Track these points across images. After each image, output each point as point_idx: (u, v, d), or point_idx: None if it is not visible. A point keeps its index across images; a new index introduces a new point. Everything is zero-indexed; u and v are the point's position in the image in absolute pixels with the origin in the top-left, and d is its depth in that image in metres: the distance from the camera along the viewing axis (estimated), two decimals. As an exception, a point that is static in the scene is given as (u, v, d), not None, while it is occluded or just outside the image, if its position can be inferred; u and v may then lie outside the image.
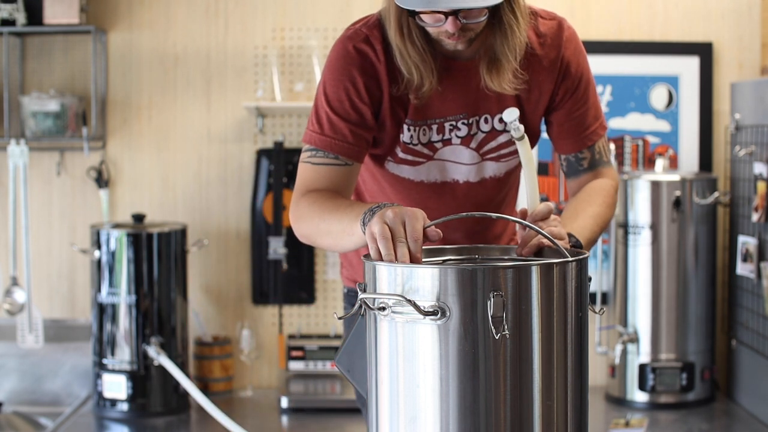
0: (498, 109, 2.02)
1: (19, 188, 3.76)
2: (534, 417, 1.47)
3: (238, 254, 3.97)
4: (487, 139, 2.04)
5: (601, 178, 2.11)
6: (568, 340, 1.50)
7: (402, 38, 1.92)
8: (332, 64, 1.99)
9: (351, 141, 1.96)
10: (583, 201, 2.03)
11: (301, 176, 2.00)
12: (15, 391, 3.90)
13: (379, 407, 1.53)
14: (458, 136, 2.03)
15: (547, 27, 2.03)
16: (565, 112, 2.06)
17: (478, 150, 2.04)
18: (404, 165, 2.05)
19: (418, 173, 2.06)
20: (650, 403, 3.65)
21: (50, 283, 3.97)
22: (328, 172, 1.96)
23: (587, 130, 2.08)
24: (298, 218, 1.94)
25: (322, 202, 1.90)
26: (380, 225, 1.59)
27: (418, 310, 1.44)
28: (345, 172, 1.97)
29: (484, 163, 2.06)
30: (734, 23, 3.91)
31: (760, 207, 3.44)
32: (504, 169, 2.09)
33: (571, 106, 2.06)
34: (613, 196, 2.08)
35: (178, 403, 3.63)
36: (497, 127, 2.03)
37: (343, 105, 1.96)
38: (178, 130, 3.94)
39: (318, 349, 3.83)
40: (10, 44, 3.80)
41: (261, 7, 3.91)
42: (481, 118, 2.02)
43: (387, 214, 1.61)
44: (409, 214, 1.60)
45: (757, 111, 3.55)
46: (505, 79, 1.94)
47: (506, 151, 2.06)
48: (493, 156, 2.06)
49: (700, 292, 3.67)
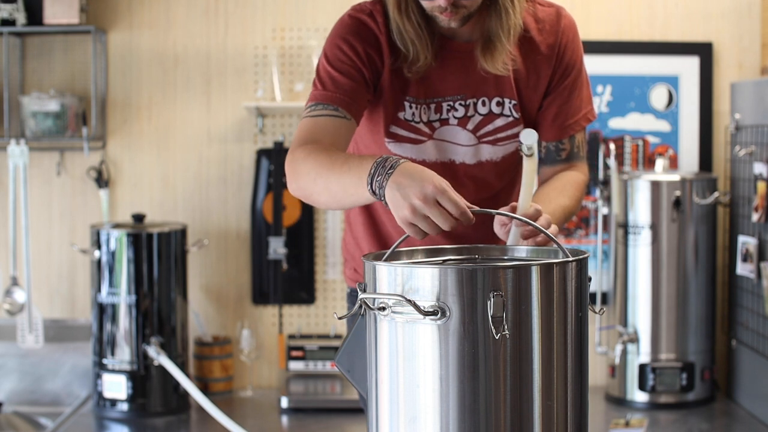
0: (495, 93, 2.03)
1: (19, 188, 3.76)
2: (534, 417, 1.47)
3: (238, 254, 3.97)
4: (484, 122, 2.05)
5: (574, 170, 2.12)
6: (568, 340, 1.50)
7: (399, 13, 1.95)
8: (335, 32, 2.03)
9: (350, 96, 1.97)
10: (555, 190, 2.04)
11: (299, 130, 1.98)
12: (15, 391, 3.90)
13: (379, 407, 1.54)
14: (455, 117, 2.03)
15: (545, 13, 2.05)
16: (553, 98, 2.07)
17: (474, 132, 2.05)
18: (406, 143, 2.05)
19: (420, 152, 2.06)
20: (650, 403, 3.65)
21: (50, 283, 3.97)
22: (327, 123, 1.95)
23: (571, 119, 2.09)
24: (293, 173, 1.89)
25: (317, 155, 1.86)
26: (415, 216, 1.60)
27: (418, 310, 1.43)
28: (344, 125, 1.96)
29: (481, 145, 2.07)
30: (734, 23, 3.91)
31: (760, 207, 3.44)
32: (501, 153, 2.09)
33: (560, 92, 2.07)
34: (583, 191, 2.11)
35: (178, 403, 3.63)
36: (495, 111, 2.04)
37: (344, 64, 1.98)
38: (178, 130, 3.94)
39: (318, 349, 3.83)
40: (10, 44, 3.80)
41: (261, 7, 3.91)
42: (478, 101, 2.03)
43: (415, 203, 1.60)
44: (437, 193, 1.59)
45: (757, 111, 3.55)
46: (499, 60, 1.97)
47: (503, 135, 2.07)
48: (490, 139, 2.07)
49: (700, 292, 3.67)
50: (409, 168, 1.65)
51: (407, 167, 1.65)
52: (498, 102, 2.04)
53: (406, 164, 1.66)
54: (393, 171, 1.66)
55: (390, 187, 1.64)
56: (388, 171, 1.67)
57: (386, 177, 1.66)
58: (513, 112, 2.05)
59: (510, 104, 2.05)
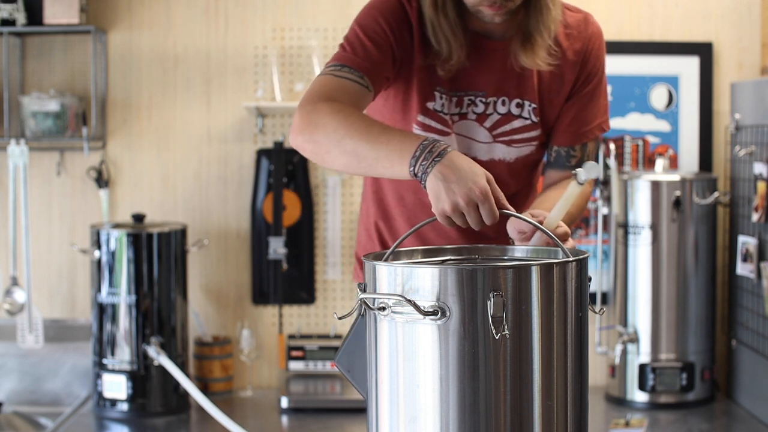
0: (516, 94, 2.02)
1: (19, 188, 3.76)
2: (534, 417, 1.47)
3: (238, 254, 3.97)
4: (501, 121, 2.04)
5: None
6: (568, 340, 1.50)
7: (435, 10, 1.93)
8: (373, 6, 1.99)
9: (377, 67, 1.93)
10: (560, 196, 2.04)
11: (318, 84, 1.92)
12: (15, 391, 3.90)
13: (379, 407, 1.54)
14: (474, 112, 2.02)
15: (574, 19, 2.05)
16: (572, 104, 2.07)
17: (490, 130, 2.04)
18: (432, 133, 2.03)
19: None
20: (650, 403, 3.65)
21: (50, 283, 3.97)
22: (350, 86, 1.90)
23: (585, 127, 2.09)
24: (309, 124, 1.80)
25: (350, 116, 1.79)
26: (454, 213, 1.62)
27: (418, 310, 1.43)
28: (364, 95, 1.91)
29: (495, 144, 2.06)
30: (734, 23, 3.91)
31: (760, 207, 3.44)
32: (515, 154, 2.08)
33: (579, 99, 2.06)
34: (588, 200, 2.11)
35: (178, 403, 3.63)
36: (513, 112, 2.03)
37: (377, 35, 1.94)
38: (178, 130, 3.94)
39: (318, 349, 3.83)
40: (10, 44, 3.80)
41: (261, 7, 3.91)
42: (498, 100, 2.02)
43: (458, 202, 1.61)
44: (480, 198, 1.61)
45: (757, 111, 3.55)
46: (539, 55, 1.96)
47: (518, 137, 2.06)
48: (505, 140, 2.06)
49: (700, 292, 3.67)
50: (457, 160, 1.64)
51: (455, 159, 1.64)
52: (518, 104, 2.03)
53: (454, 155, 1.65)
54: (440, 159, 1.64)
55: (435, 177, 1.63)
56: (435, 158, 1.65)
57: (432, 164, 1.64)
58: (532, 116, 2.05)
59: (530, 107, 2.04)
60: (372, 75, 1.92)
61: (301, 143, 1.83)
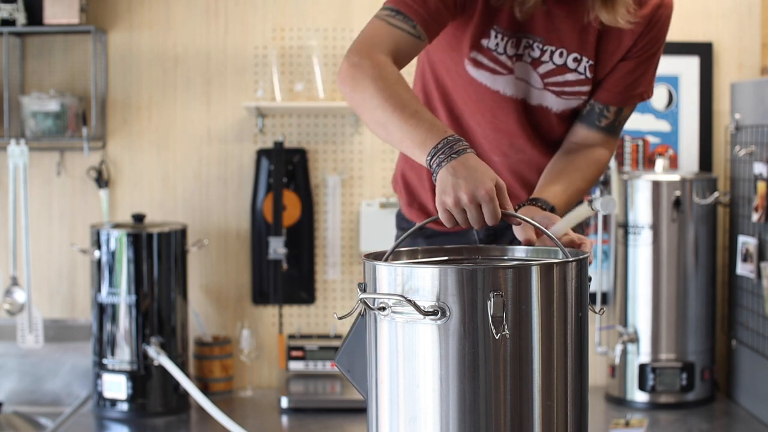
0: (575, 48, 2.01)
1: (19, 188, 3.76)
2: (534, 417, 1.47)
3: (238, 254, 3.97)
4: (555, 71, 2.03)
5: (604, 148, 2.10)
6: (568, 340, 1.50)
7: None
8: None
9: (433, 17, 1.91)
10: (579, 170, 2.03)
11: (370, 30, 1.91)
12: (15, 391, 3.90)
13: (379, 407, 1.53)
14: (530, 56, 2.01)
15: None
16: (625, 65, 2.05)
17: (542, 78, 2.03)
18: (485, 71, 2.02)
19: (495, 83, 2.03)
20: (650, 403, 3.65)
21: (50, 283, 3.97)
22: (400, 37, 1.89)
23: (631, 91, 2.08)
24: (353, 80, 1.82)
25: (389, 86, 1.80)
26: (455, 207, 1.62)
27: (418, 310, 1.43)
28: (414, 45, 1.91)
29: (545, 91, 2.04)
30: (734, 23, 3.91)
31: (760, 207, 3.44)
32: (562, 106, 2.06)
33: (634, 62, 2.05)
34: (602, 172, 2.10)
35: (178, 403, 3.63)
36: (570, 66, 2.02)
37: None
38: (178, 130, 3.94)
39: (318, 349, 3.83)
40: (10, 44, 3.80)
41: (261, 7, 3.91)
42: (556, 51, 2.01)
43: (461, 197, 1.61)
44: (484, 198, 1.61)
45: (757, 111, 3.55)
46: (620, 12, 1.95)
47: (569, 90, 2.04)
48: (556, 90, 2.04)
49: (700, 292, 3.67)
50: (472, 162, 1.65)
51: (471, 160, 1.65)
52: (575, 58, 2.02)
53: (472, 156, 1.66)
54: (457, 157, 1.66)
55: (446, 170, 1.65)
56: (452, 155, 1.67)
57: (448, 159, 1.66)
58: (587, 72, 2.03)
59: (587, 63, 2.03)
60: (427, 24, 1.91)
61: (343, 91, 1.87)
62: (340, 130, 3.95)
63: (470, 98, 2.06)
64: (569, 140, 2.11)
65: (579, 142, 2.10)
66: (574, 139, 2.11)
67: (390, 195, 3.95)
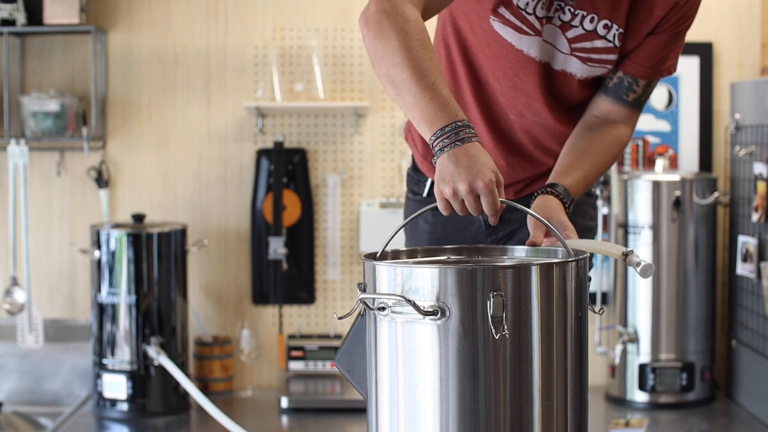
0: (607, 15, 1.98)
1: (19, 188, 3.76)
2: (534, 417, 1.47)
3: (238, 254, 3.97)
4: (584, 37, 2.00)
5: (626, 125, 2.08)
6: (568, 340, 1.50)
7: None
8: None
9: None
10: (602, 152, 2.01)
11: None
12: (15, 391, 3.90)
13: (379, 407, 1.53)
14: (560, 19, 1.98)
15: None
16: (657, 38, 2.03)
17: (570, 42, 2.00)
18: (510, 28, 1.99)
19: (521, 42, 2.00)
20: (650, 403, 3.65)
21: (50, 283, 3.97)
22: None
23: (661, 65, 2.06)
24: (379, 27, 1.75)
25: (414, 48, 1.74)
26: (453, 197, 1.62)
27: (418, 310, 1.43)
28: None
29: (571, 57, 2.02)
30: (734, 23, 3.91)
31: (760, 207, 3.44)
32: (586, 73, 2.04)
33: (661, 35, 2.04)
34: (622, 151, 2.07)
35: (178, 403, 3.63)
36: (599, 32, 1.99)
37: None
38: (178, 130, 3.94)
39: (318, 349, 3.83)
40: (10, 44, 3.80)
41: (261, 7, 3.91)
42: (587, 16, 1.98)
43: (459, 188, 1.61)
44: (483, 190, 1.60)
45: (757, 111, 3.55)
46: None
47: (596, 57, 2.02)
48: (582, 56, 2.01)
49: (700, 292, 3.67)
50: (475, 151, 1.64)
51: (473, 149, 1.64)
52: (606, 25, 1.99)
53: (476, 146, 1.65)
54: (461, 144, 1.65)
55: (447, 157, 1.64)
56: (457, 141, 1.65)
57: (452, 145, 1.65)
58: (616, 40, 2.01)
59: (617, 31, 2.00)
60: None
61: (364, 33, 1.81)
62: (340, 130, 3.95)
63: (492, 54, 2.02)
64: (591, 113, 2.08)
65: (602, 117, 2.06)
66: (596, 112, 2.07)
67: (390, 195, 3.95)
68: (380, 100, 3.94)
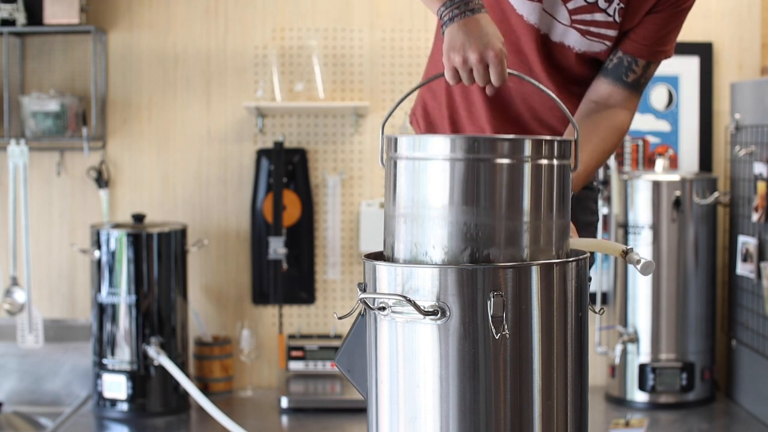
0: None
1: (19, 188, 3.76)
2: (534, 417, 1.47)
3: (238, 254, 3.97)
4: (584, 9, 1.99)
5: (626, 110, 2.06)
6: (568, 340, 1.50)
7: None
8: None
9: None
10: (602, 141, 2.00)
11: None
12: (15, 391, 3.90)
13: (379, 407, 1.53)
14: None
15: None
16: (658, 18, 2.03)
17: (571, 14, 2.00)
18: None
19: (522, 6, 2.01)
20: (650, 403, 3.65)
21: (50, 283, 3.97)
22: None
23: (661, 46, 2.06)
24: None
25: None
26: (463, 66, 1.63)
27: (418, 310, 1.43)
28: None
29: (570, 29, 2.01)
30: (734, 23, 3.91)
31: (760, 207, 3.44)
32: (585, 47, 2.03)
33: (666, 15, 2.03)
34: (624, 136, 2.07)
35: (178, 403, 3.63)
36: (600, 5, 1.98)
37: None
38: (178, 130, 3.94)
39: (318, 349, 3.83)
40: (10, 44, 3.80)
41: (261, 7, 3.91)
42: None
43: (470, 56, 1.62)
44: (493, 60, 1.63)
45: (757, 111, 3.55)
46: None
47: (595, 30, 2.01)
48: (582, 29, 2.01)
49: (700, 292, 3.67)
50: (484, 22, 1.66)
51: (483, 20, 1.66)
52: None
53: (485, 16, 1.67)
54: (471, 15, 1.67)
55: (457, 26, 1.66)
56: (467, 11, 1.68)
57: (462, 15, 1.67)
58: (616, 15, 2.00)
59: (617, 5, 1.99)
60: None
61: None
62: (340, 130, 3.95)
63: (494, 15, 2.00)
64: (590, 99, 2.07)
65: (601, 102, 2.06)
66: (595, 97, 2.06)
67: (390, 195, 3.94)
68: (380, 100, 3.94)
